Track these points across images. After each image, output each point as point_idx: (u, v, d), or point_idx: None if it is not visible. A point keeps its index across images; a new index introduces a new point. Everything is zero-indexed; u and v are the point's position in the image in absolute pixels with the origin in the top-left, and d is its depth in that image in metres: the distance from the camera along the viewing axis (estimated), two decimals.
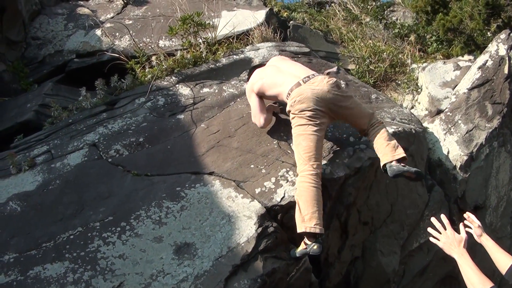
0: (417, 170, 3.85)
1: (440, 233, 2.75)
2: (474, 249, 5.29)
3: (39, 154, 4.76)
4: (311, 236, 3.64)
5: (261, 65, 4.89)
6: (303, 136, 3.91)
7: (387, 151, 3.93)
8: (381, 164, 3.97)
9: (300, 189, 3.75)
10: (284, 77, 4.27)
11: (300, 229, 3.65)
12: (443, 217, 2.81)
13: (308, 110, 3.93)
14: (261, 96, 4.52)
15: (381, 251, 4.71)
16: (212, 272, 3.48)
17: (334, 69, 4.66)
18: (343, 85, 4.27)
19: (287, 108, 4.11)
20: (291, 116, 4.06)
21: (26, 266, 3.56)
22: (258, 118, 4.52)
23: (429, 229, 2.80)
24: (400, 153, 3.92)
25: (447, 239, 2.72)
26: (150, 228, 3.79)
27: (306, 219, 3.63)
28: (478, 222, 2.89)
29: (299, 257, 3.77)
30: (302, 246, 3.72)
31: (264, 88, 4.42)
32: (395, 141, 4.01)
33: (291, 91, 4.07)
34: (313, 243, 3.60)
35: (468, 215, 2.95)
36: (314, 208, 3.66)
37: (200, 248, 3.62)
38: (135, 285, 3.41)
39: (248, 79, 4.84)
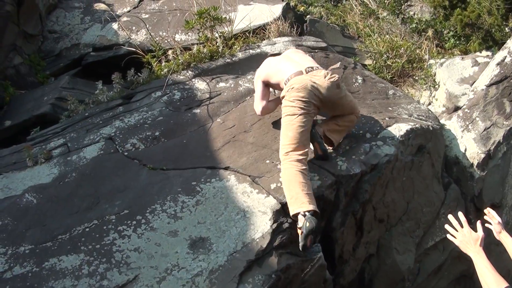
0: (325, 150, 4.14)
1: (457, 230, 2.72)
2: (489, 248, 5.24)
3: (56, 147, 4.79)
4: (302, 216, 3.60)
5: (277, 54, 4.87)
6: (290, 127, 3.95)
7: (328, 124, 4.26)
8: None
9: (284, 176, 3.82)
10: (289, 64, 4.31)
11: (291, 213, 3.66)
12: (460, 214, 2.78)
13: (302, 101, 3.98)
14: (267, 83, 4.54)
15: (396, 249, 4.67)
16: (227, 267, 3.48)
17: (338, 64, 4.66)
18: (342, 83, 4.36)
19: (282, 94, 4.15)
20: (284, 102, 4.09)
21: (41, 258, 3.59)
22: (257, 104, 4.56)
23: (446, 226, 2.77)
24: (333, 138, 4.26)
25: (464, 237, 2.69)
26: (165, 222, 3.79)
27: (292, 202, 3.67)
28: (498, 219, 2.86)
29: (306, 247, 3.56)
30: (299, 233, 3.61)
31: (269, 75, 4.46)
32: (342, 133, 4.35)
33: (291, 77, 4.12)
34: (304, 222, 3.53)
35: (488, 210, 2.93)
36: (298, 189, 3.67)
37: (215, 243, 3.62)
38: (150, 279, 3.42)
39: None
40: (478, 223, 2.72)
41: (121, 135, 4.77)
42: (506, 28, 7.14)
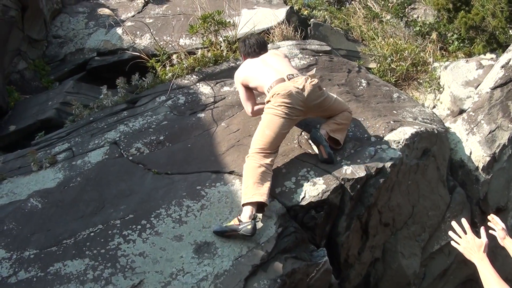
0: (330, 154, 4.16)
1: (460, 237, 2.70)
2: (495, 251, 5.22)
3: (60, 151, 4.81)
4: (249, 210, 3.65)
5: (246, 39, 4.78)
6: (270, 126, 4.01)
7: (329, 125, 4.31)
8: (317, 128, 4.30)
9: (246, 167, 3.90)
10: (268, 71, 4.32)
11: (242, 201, 3.72)
12: (463, 221, 2.76)
13: (287, 106, 4.02)
14: (246, 86, 4.53)
15: (402, 253, 4.65)
16: (232, 271, 3.46)
17: (313, 71, 4.73)
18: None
19: (266, 98, 4.18)
20: (268, 105, 4.13)
21: (46, 263, 3.59)
22: (245, 106, 4.60)
23: (450, 233, 2.75)
24: (338, 137, 4.31)
25: (467, 243, 2.67)
26: (170, 227, 3.79)
27: (249, 192, 3.72)
28: (502, 225, 2.84)
29: (225, 232, 3.65)
30: (234, 222, 3.66)
31: (247, 79, 4.46)
32: (343, 131, 4.40)
33: (273, 85, 4.14)
34: (248, 222, 3.58)
35: (492, 217, 2.90)
36: (253, 180, 3.76)
37: (220, 247, 3.61)
38: (155, 284, 3.41)
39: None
40: (482, 229, 2.70)
41: (126, 139, 4.77)
42: (510, 31, 7.13)
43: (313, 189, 3.97)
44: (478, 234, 2.70)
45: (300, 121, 4.36)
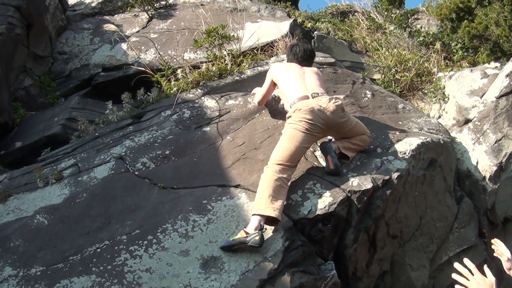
0: (337, 165, 4.20)
1: (468, 279, 2.57)
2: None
3: (66, 167, 4.81)
4: (257, 221, 3.66)
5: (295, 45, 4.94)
6: (291, 140, 4.09)
7: (342, 142, 4.41)
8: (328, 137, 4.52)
9: (263, 178, 3.93)
10: (298, 85, 4.45)
11: (252, 212, 3.75)
12: (467, 261, 2.62)
13: (308, 122, 4.12)
14: (274, 83, 4.76)
15: (410, 265, 4.61)
16: (239, 286, 3.43)
17: (341, 96, 4.82)
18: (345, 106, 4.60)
19: (288, 114, 4.32)
20: (289, 120, 4.26)
21: (53, 280, 3.56)
22: (259, 94, 4.92)
23: (454, 276, 2.60)
24: (348, 154, 4.39)
25: (479, 285, 2.53)
26: (176, 242, 3.77)
27: (261, 205, 3.72)
28: (508, 255, 2.73)
29: (233, 245, 3.61)
30: (241, 234, 3.63)
31: (278, 80, 4.65)
32: (355, 151, 4.47)
33: (296, 101, 4.29)
34: (256, 233, 3.58)
35: (497, 243, 2.80)
36: (268, 192, 3.77)
37: (227, 262, 3.59)
38: None
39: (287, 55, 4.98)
40: (486, 268, 2.58)
41: (132, 154, 4.78)
42: None
43: (319, 202, 3.95)
44: (483, 272, 2.57)
45: None
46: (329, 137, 4.65)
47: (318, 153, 4.54)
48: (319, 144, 4.47)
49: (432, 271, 4.87)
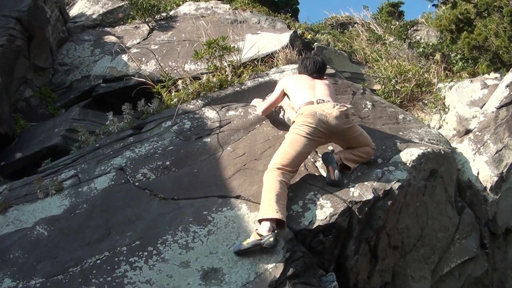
0: (339, 176, 4.15)
1: None
2: (506, 273, 5.16)
3: (67, 178, 4.80)
4: (268, 224, 3.69)
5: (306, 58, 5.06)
6: (292, 145, 4.17)
7: (345, 153, 4.40)
8: (330, 148, 4.56)
9: (265, 183, 3.99)
10: (305, 92, 4.55)
11: (259, 217, 3.78)
12: None
13: (309, 126, 4.18)
14: (285, 93, 4.82)
15: (412, 276, 4.58)
16: None
17: (349, 106, 4.90)
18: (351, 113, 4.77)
19: (292, 119, 4.46)
20: (292, 125, 4.36)
21: None
22: (267, 102, 4.98)
23: None
24: (350, 165, 4.36)
25: None
26: (177, 253, 3.75)
27: (266, 209, 3.77)
28: None
29: (248, 249, 3.64)
30: (254, 237, 3.66)
31: (289, 90, 4.73)
32: (358, 163, 4.44)
33: (301, 106, 4.39)
34: (270, 235, 3.62)
35: None
36: (275, 197, 3.82)
37: (227, 274, 3.56)
38: None
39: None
40: None
41: (132, 165, 4.77)
42: None
43: (320, 213, 3.94)
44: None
45: None
46: (331, 148, 4.65)
47: (319, 163, 4.52)
48: (320, 155, 4.47)
49: (433, 282, 4.83)
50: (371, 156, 4.55)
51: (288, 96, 4.79)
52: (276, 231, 3.70)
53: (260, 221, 3.76)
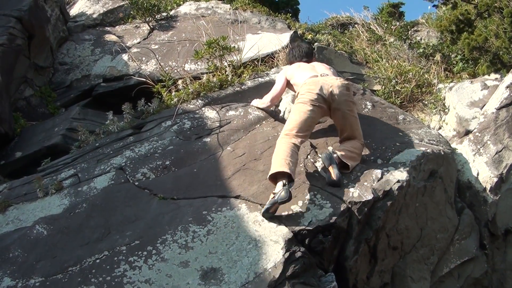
0: (339, 176, 4.20)
1: None
2: (505, 274, 5.15)
3: (66, 177, 4.80)
4: (280, 180, 3.96)
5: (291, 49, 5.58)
6: (298, 113, 4.46)
7: (343, 150, 4.43)
8: (330, 149, 4.54)
9: (276, 148, 4.26)
10: (309, 71, 4.89)
11: (270, 173, 4.07)
12: None
13: (312, 93, 4.49)
14: (287, 81, 5.10)
15: (411, 277, 4.58)
16: None
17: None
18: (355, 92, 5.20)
19: (297, 92, 4.70)
20: (297, 95, 4.66)
21: None
22: (273, 91, 5.22)
23: None
24: (350, 163, 4.40)
25: None
26: (176, 253, 3.75)
27: (275, 165, 4.06)
28: None
29: (269, 211, 3.87)
30: (270, 197, 3.91)
31: (292, 75, 5.03)
32: (356, 161, 4.48)
33: (307, 80, 4.68)
34: (281, 189, 3.84)
35: None
36: (283, 155, 4.10)
37: (226, 274, 3.57)
38: None
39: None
40: None
41: (132, 165, 4.77)
42: None
43: (320, 213, 3.94)
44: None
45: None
46: (331, 148, 4.65)
47: (319, 163, 4.52)
48: (320, 155, 4.47)
49: (433, 283, 4.83)
50: (362, 150, 4.64)
51: (290, 86, 5.09)
52: (286, 185, 3.88)
53: (273, 180, 4.05)
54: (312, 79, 4.64)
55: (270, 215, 3.90)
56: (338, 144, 4.69)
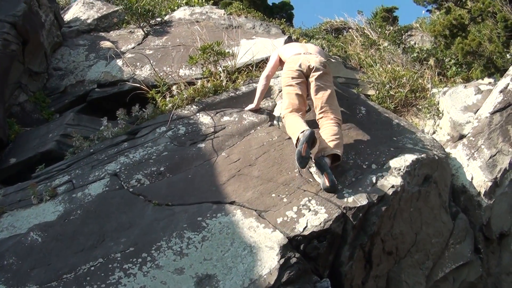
0: (333, 181, 4.22)
1: None
2: (500, 278, 5.15)
3: (61, 184, 4.79)
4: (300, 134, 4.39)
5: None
6: (287, 95, 4.93)
7: (331, 142, 4.49)
8: (317, 153, 4.48)
9: (286, 123, 4.75)
10: (297, 48, 5.32)
11: (294, 140, 4.50)
12: None
13: (292, 70, 4.97)
14: (280, 58, 5.46)
15: (406, 282, 4.58)
16: None
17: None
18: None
19: (283, 70, 5.20)
20: (282, 74, 5.15)
21: None
22: (268, 67, 5.50)
23: None
24: (339, 151, 4.45)
25: None
26: (171, 259, 3.74)
27: (296, 130, 4.48)
28: None
29: (301, 154, 4.24)
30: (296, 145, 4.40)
31: (283, 53, 5.42)
32: (339, 141, 4.54)
33: (291, 56, 5.14)
34: (302, 135, 4.34)
35: None
36: (297, 121, 4.59)
37: (221, 280, 3.56)
38: None
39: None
40: None
41: (126, 171, 4.76)
42: (508, 55, 7.18)
43: (315, 219, 3.94)
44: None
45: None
46: (324, 153, 4.65)
47: (313, 169, 4.53)
48: (314, 160, 4.47)
49: (428, 287, 4.84)
50: (341, 131, 4.75)
51: (282, 63, 5.38)
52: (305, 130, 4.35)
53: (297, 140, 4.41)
54: (294, 57, 5.09)
55: (302, 156, 4.25)
56: (319, 135, 4.67)
